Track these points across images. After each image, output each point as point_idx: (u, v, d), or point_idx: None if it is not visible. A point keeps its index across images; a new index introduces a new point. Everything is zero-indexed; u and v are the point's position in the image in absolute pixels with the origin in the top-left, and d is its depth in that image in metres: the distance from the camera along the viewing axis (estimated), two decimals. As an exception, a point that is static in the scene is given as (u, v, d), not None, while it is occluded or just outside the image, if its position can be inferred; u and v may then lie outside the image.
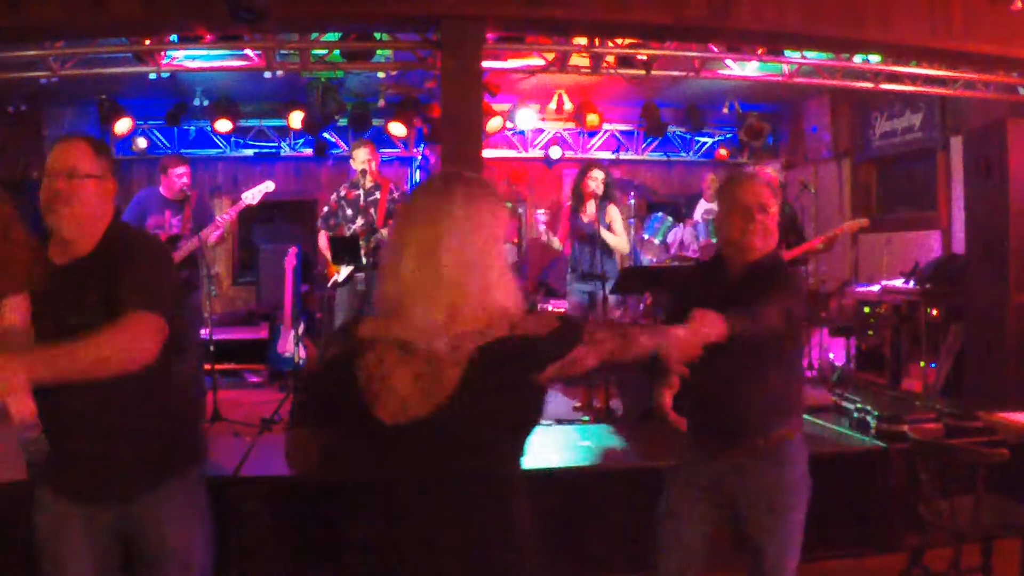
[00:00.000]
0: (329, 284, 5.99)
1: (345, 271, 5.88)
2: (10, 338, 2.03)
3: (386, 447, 1.57)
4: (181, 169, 5.49)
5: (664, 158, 9.48)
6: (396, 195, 6.02)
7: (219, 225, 5.43)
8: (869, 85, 6.29)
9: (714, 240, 6.57)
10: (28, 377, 1.79)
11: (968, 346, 5.79)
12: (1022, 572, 3.34)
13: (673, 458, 2.68)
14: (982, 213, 5.64)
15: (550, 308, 7.18)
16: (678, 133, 9.30)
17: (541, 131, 9.07)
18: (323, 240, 6.05)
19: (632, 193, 7.33)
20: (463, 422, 1.53)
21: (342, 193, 6.03)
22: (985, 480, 3.11)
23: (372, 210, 5.94)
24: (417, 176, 8.91)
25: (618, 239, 5.89)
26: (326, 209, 6.10)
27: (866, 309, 6.80)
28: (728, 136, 9.30)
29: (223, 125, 7.89)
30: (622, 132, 9.27)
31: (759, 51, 5.83)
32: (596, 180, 5.86)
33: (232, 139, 8.45)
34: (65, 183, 2.12)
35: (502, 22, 4.70)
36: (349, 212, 5.94)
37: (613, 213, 5.91)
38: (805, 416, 4.78)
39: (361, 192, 5.95)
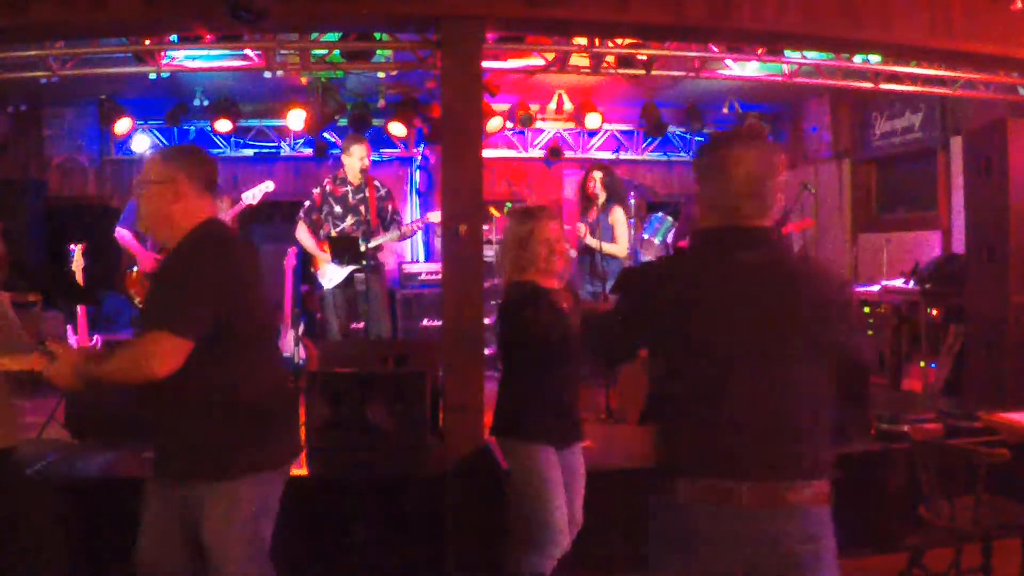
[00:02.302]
0: (321, 285, 5.95)
1: (334, 271, 5.83)
2: None
3: None
4: (179, 171, 5.48)
5: (664, 158, 9.47)
6: (383, 192, 6.00)
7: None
8: (869, 85, 6.28)
9: None
10: (75, 372, 2.30)
11: (968, 346, 5.78)
12: (1022, 572, 3.34)
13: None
14: (982, 213, 5.64)
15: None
16: (678, 133, 9.29)
17: (541, 131, 9.07)
18: (306, 236, 5.97)
19: (632, 193, 7.34)
20: None
21: (327, 188, 5.96)
22: (985, 480, 3.11)
23: (362, 208, 5.90)
24: (417, 176, 8.91)
25: (615, 247, 5.85)
26: (308, 203, 6.02)
27: (866, 309, 6.80)
28: (728, 136, 9.28)
29: (223, 125, 7.88)
30: (622, 132, 9.27)
31: (759, 51, 5.83)
32: (595, 181, 5.85)
33: (232, 139, 8.44)
34: (137, 190, 2.51)
35: (502, 22, 4.69)
36: (338, 209, 5.89)
37: (617, 215, 5.87)
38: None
39: (349, 190, 5.91)
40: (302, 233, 5.98)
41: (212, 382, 2.32)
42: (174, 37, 5.19)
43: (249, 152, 8.57)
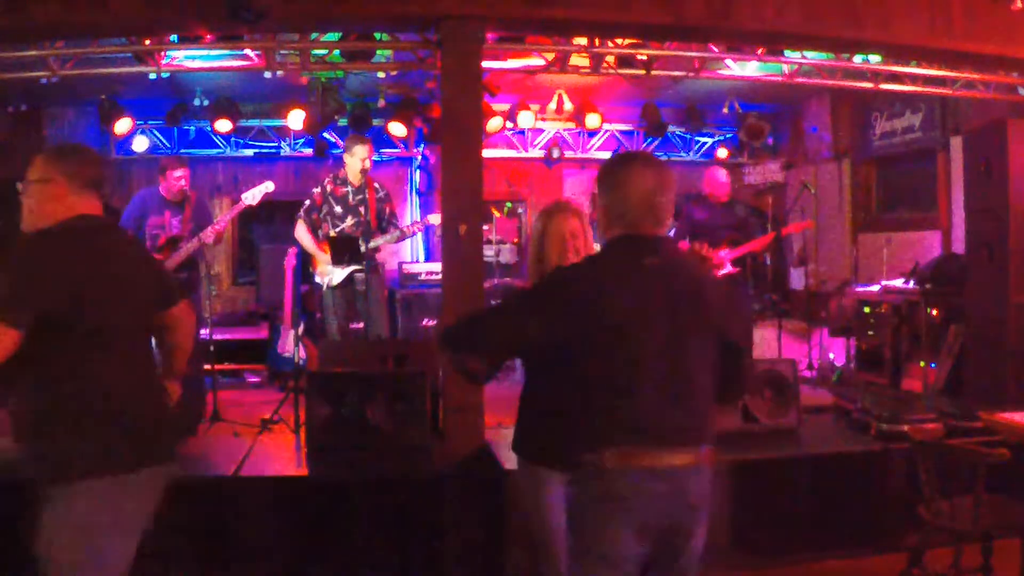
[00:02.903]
0: (321, 284, 5.95)
1: (333, 271, 5.83)
2: None
3: None
4: (179, 172, 5.48)
5: (664, 158, 9.46)
6: (382, 194, 6.01)
7: (218, 228, 5.43)
8: (869, 85, 6.29)
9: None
10: None
11: (968, 346, 5.78)
12: (1022, 572, 3.34)
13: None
14: (982, 213, 5.64)
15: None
16: (678, 133, 9.29)
17: (541, 131, 9.07)
18: (305, 235, 5.97)
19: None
20: None
21: (328, 188, 5.96)
22: (985, 480, 3.11)
23: (362, 209, 5.91)
24: (417, 176, 8.91)
25: None
26: (308, 202, 6.02)
27: (866, 309, 6.80)
28: (728, 136, 9.30)
29: (223, 125, 7.88)
30: (622, 132, 9.27)
31: (759, 51, 5.83)
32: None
33: (232, 139, 8.44)
34: (23, 187, 2.51)
35: (502, 22, 4.70)
36: (338, 210, 5.90)
37: None
38: (806, 416, 4.82)
39: (350, 190, 5.91)
40: (301, 232, 5.98)
41: (59, 380, 2.26)
42: (174, 37, 5.19)
43: (249, 152, 8.57)
